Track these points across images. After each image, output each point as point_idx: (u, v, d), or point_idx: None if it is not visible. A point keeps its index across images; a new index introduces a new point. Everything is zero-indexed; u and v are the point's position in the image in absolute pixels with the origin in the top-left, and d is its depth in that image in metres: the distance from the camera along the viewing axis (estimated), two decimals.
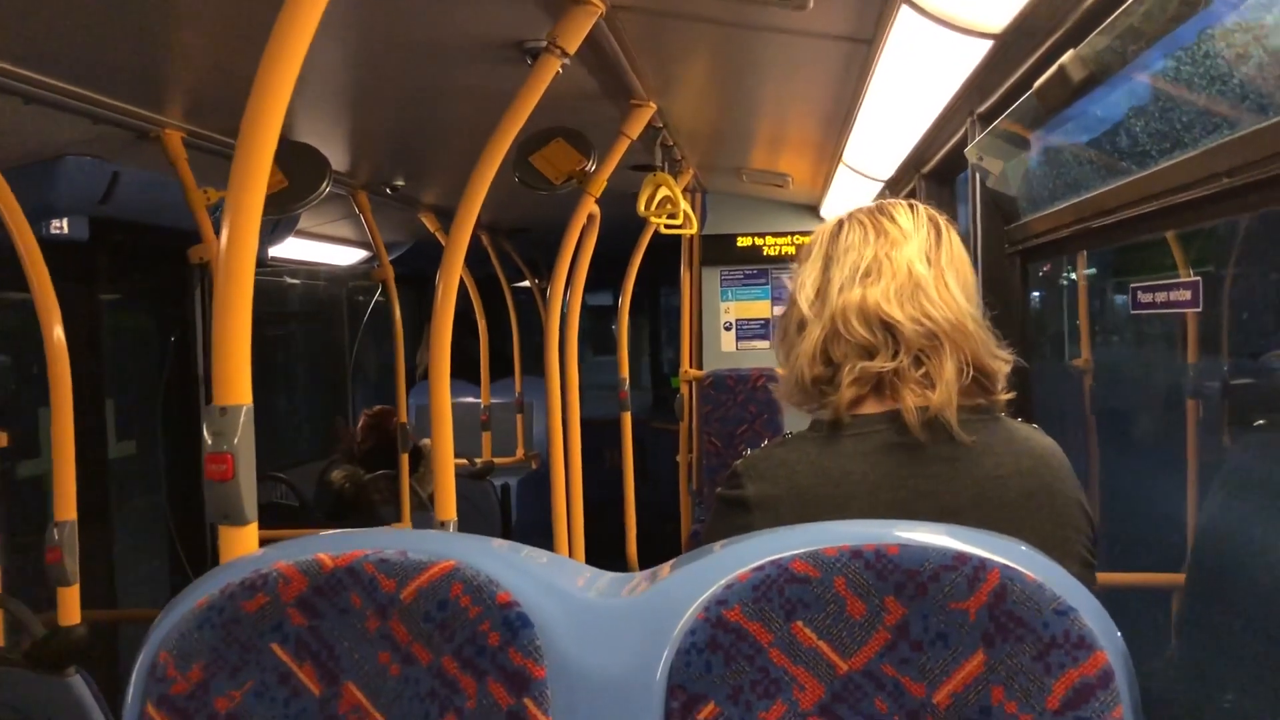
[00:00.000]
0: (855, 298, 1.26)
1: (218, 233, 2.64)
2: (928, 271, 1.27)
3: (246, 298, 1.22)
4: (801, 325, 1.31)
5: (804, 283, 1.33)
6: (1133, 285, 1.79)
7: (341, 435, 5.22)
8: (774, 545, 0.88)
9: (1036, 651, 0.81)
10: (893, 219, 1.32)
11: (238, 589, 0.89)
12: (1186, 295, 1.64)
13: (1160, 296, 1.70)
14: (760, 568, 0.86)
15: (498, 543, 0.95)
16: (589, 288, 3.12)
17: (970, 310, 1.27)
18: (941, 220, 1.35)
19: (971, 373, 1.22)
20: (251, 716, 0.88)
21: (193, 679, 0.88)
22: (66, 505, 2.27)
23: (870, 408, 1.24)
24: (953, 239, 1.33)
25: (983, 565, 0.83)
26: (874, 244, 1.30)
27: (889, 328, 1.23)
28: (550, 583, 0.90)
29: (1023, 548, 0.87)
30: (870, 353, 1.24)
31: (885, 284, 1.26)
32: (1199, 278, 1.58)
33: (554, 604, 0.89)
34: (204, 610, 0.89)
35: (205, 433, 1.19)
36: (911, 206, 1.35)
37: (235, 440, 1.18)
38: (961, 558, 0.83)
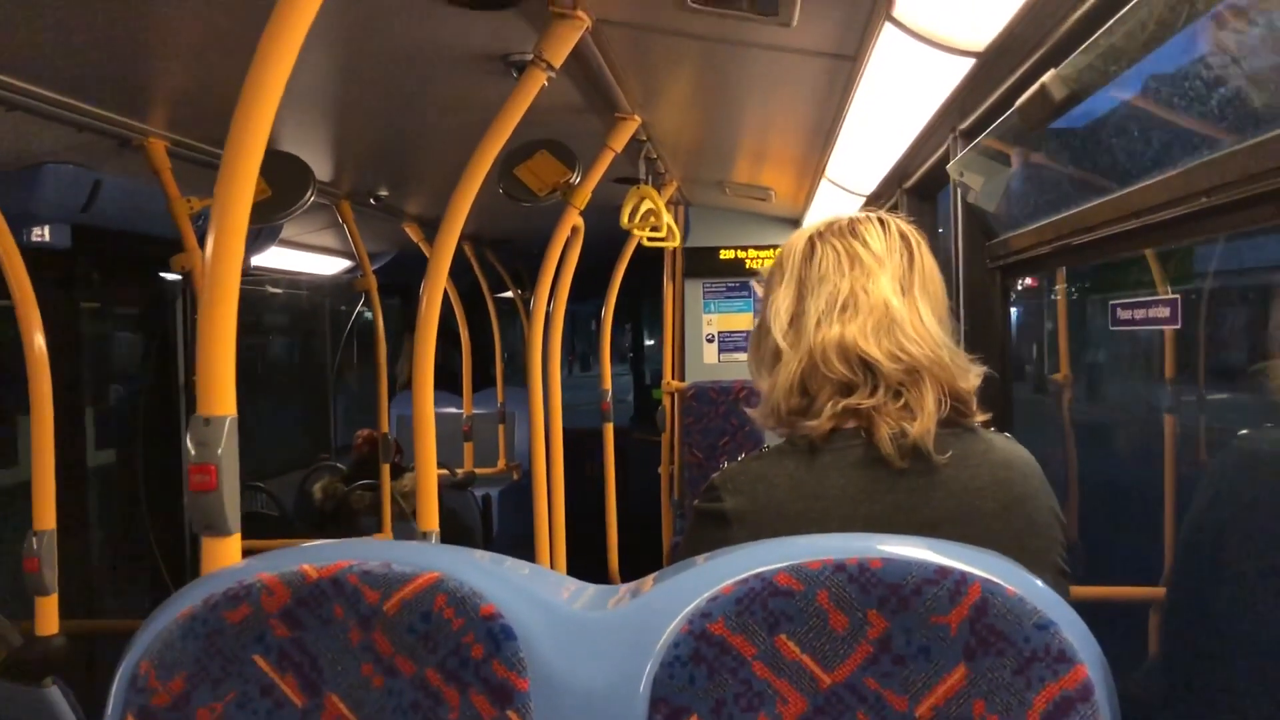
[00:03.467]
0: (834, 335, 1.26)
1: (200, 242, 2.65)
2: (902, 304, 1.27)
3: (232, 307, 1.21)
4: (777, 355, 1.31)
5: (778, 310, 1.33)
6: (1111, 302, 1.81)
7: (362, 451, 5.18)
8: (757, 558, 0.88)
9: (1017, 665, 0.82)
10: (865, 243, 1.31)
11: (221, 599, 0.89)
12: (1165, 312, 1.65)
13: (1139, 313, 1.71)
14: (744, 581, 0.86)
15: (481, 555, 0.95)
16: (572, 299, 3.13)
17: (944, 339, 1.28)
18: (913, 236, 1.35)
19: (949, 402, 1.23)
20: None
21: (174, 690, 0.88)
22: (45, 514, 2.25)
23: (847, 423, 1.24)
24: (924, 258, 1.33)
25: (964, 579, 0.84)
26: (849, 275, 1.30)
27: (867, 365, 1.24)
28: (534, 595, 0.90)
29: (1004, 562, 0.87)
30: (849, 388, 1.24)
31: (862, 320, 1.26)
32: (1178, 295, 1.60)
33: (538, 616, 0.89)
34: (186, 621, 0.89)
35: (189, 443, 1.19)
36: (883, 224, 1.35)
37: (219, 451, 1.18)
38: (943, 571, 0.84)
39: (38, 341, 2.25)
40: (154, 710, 0.87)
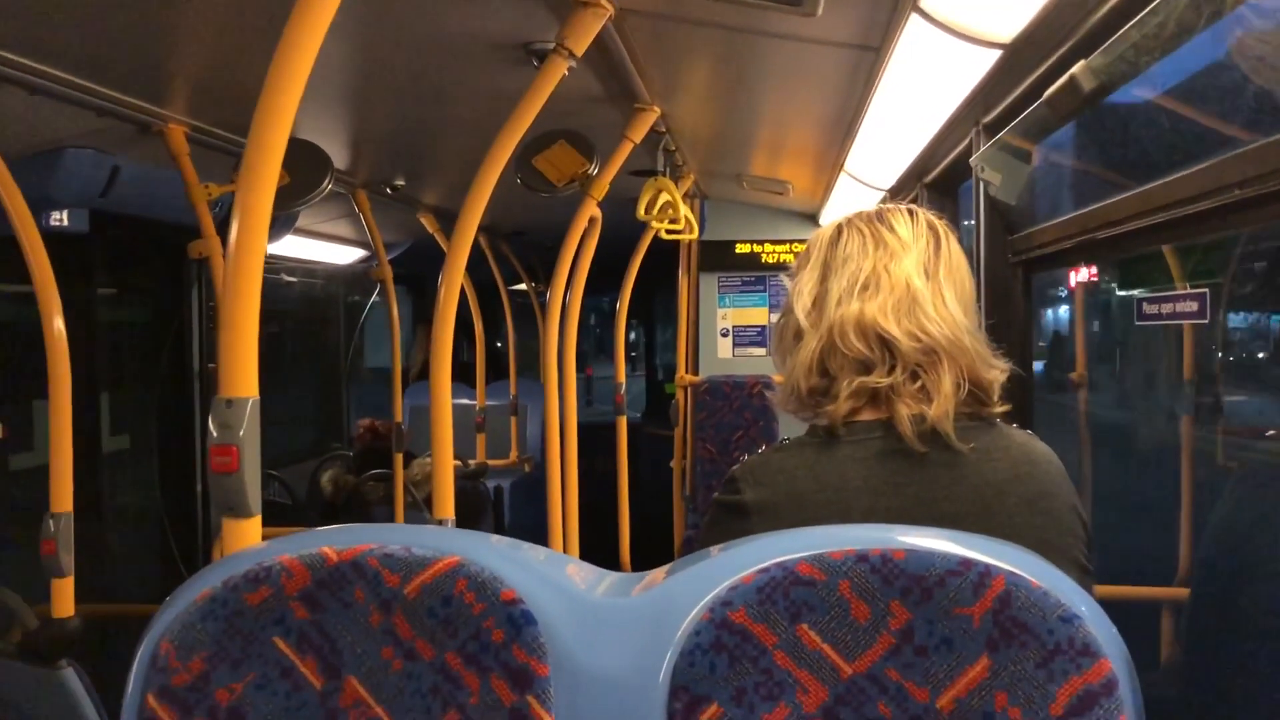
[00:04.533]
0: (853, 312, 1.25)
1: (218, 228, 2.64)
2: (925, 285, 1.27)
3: (255, 291, 1.22)
4: (798, 335, 1.31)
5: (801, 291, 1.33)
6: (1139, 297, 1.80)
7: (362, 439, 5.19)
8: (779, 548, 0.87)
9: (1040, 658, 0.81)
10: (892, 228, 1.31)
11: (241, 581, 0.89)
12: (1194, 306, 1.64)
13: (1166, 308, 1.70)
14: (765, 569, 0.86)
15: (500, 540, 0.95)
16: (586, 291, 3.12)
17: (967, 324, 1.27)
18: (941, 227, 1.34)
19: (968, 386, 1.22)
20: (252, 708, 0.87)
21: (194, 670, 0.88)
22: (62, 497, 2.26)
23: (867, 415, 1.24)
24: (952, 247, 1.33)
25: (988, 571, 0.83)
26: (872, 255, 1.29)
27: (886, 343, 1.23)
28: (554, 581, 0.90)
29: (1028, 555, 0.87)
30: (867, 367, 1.24)
31: (883, 299, 1.25)
32: (1206, 289, 1.59)
33: (558, 602, 0.88)
34: (207, 602, 0.89)
35: (211, 424, 1.19)
36: (911, 213, 1.34)
37: (241, 432, 1.18)
38: (967, 563, 0.83)
39: (57, 325, 2.25)
40: (174, 689, 0.87)
